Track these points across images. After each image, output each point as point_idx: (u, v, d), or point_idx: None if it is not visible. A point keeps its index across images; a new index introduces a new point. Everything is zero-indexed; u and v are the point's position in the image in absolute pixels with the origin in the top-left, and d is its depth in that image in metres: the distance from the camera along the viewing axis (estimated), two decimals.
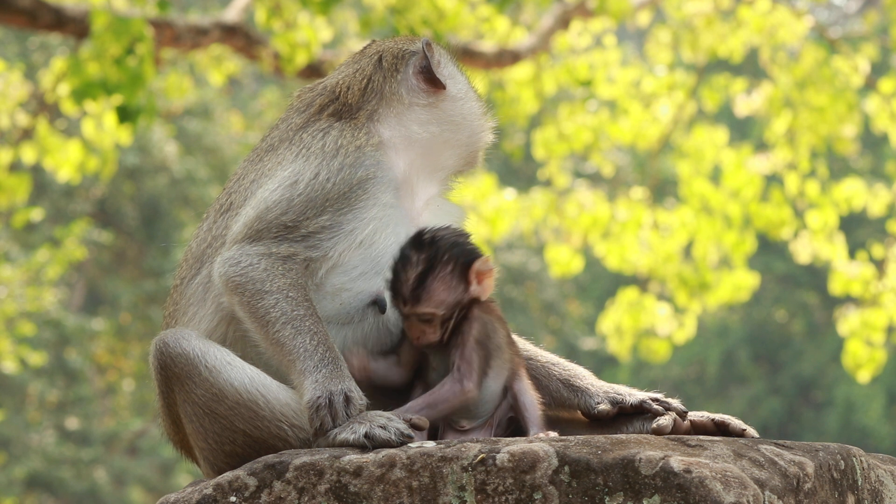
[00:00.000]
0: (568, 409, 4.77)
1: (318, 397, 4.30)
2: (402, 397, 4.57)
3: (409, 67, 4.89)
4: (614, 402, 4.72)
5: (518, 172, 32.39)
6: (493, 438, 4.25)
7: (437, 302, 4.47)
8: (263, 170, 4.75)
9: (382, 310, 4.59)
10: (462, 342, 4.49)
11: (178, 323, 4.74)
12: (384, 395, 4.56)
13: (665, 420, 4.59)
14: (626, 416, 4.72)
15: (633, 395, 4.72)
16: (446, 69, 4.95)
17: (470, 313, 4.52)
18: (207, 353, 4.46)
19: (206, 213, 4.89)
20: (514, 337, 4.75)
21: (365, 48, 5.04)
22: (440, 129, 4.87)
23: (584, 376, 4.80)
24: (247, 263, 4.52)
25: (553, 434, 4.38)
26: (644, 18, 17.32)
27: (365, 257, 4.60)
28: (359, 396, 4.33)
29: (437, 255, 4.50)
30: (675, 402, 4.70)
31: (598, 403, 4.72)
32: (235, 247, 4.57)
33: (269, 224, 4.56)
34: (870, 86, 17.08)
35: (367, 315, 4.59)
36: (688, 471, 3.99)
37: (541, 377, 4.73)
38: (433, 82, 4.87)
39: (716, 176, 17.58)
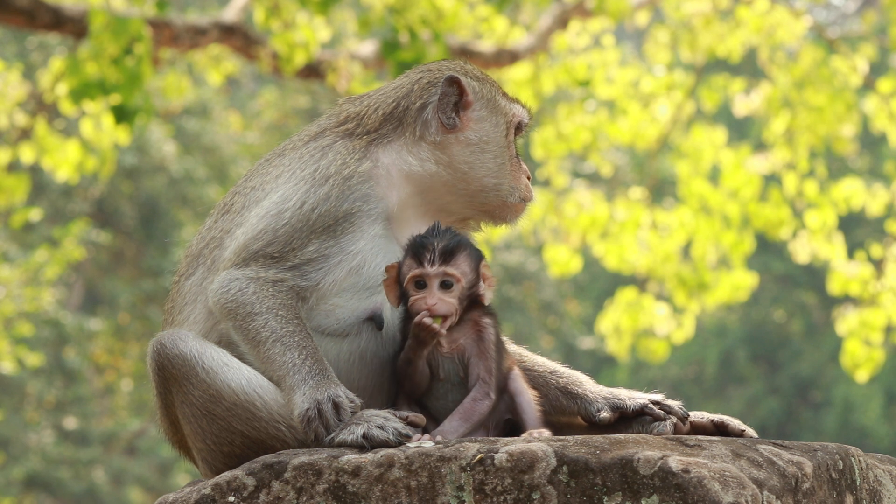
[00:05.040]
0: (568, 416, 4.76)
1: (308, 409, 4.30)
2: (389, 405, 4.57)
3: (433, 98, 4.78)
4: (615, 408, 4.70)
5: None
6: (492, 438, 4.25)
7: (463, 269, 4.49)
8: (265, 179, 4.76)
9: (379, 326, 4.58)
10: (483, 353, 4.50)
11: (175, 321, 4.75)
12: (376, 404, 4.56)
13: (664, 428, 4.59)
14: (625, 418, 4.71)
15: (634, 399, 4.70)
16: (477, 113, 4.81)
17: (481, 322, 4.54)
18: (204, 355, 4.46)
19: (212, 209, 4.90)
20: (510, 344, 4.77)
21: (427, 63, 4.97)
22: (438, 170, 4.75)
23: (582, 382, 4.78)
24: (237, 289, 4.52)
25: (546, 432, 4.38)
26: (642, 18, 17.32)
27: (356, 282, 4.59)
28: (348, 399, 4.32)
29: (460, 237, 4.57)
30: (677, 406, 4.68)
31: (599, 411, 4.70)
32: (225, 273, 4.58)
33: (255, 254, 4.56)
34: (868, 86, 17.08)
35: (364, 330, 4.58)
36: (686, 471, 3.99)
37: (539, 387, 4.70)
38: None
39: (714, 176, 17.58)
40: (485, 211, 4.84)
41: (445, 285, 4.48)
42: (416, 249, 4.50)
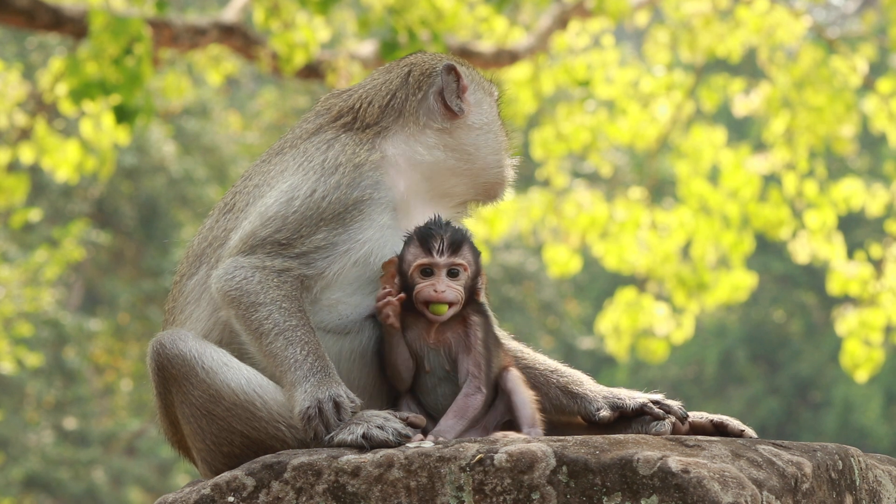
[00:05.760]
0: (568, 416, 4.77)
1: (308, 407, 4.31)
2: (390, 404, 4.57)
3: (433, 88, 4.87)
4: (615, 407, 4.71)
5: (516, 172, 32.33)
6: (491, 438, 4.25)
7: (469, 259, 4.57)
8: (268, 175, 4.77)
9: None
10: (470, 348, 4.52)
11: (176, 320, 4.75)
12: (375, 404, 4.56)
13: (663, 427, 4.60)
14: (625, 418, 4.71)
15: (634, 398, 4.71)
16: (473, 96, 4.91)
17: (469, 318, 4.56)
18: (204, 355, 4.46)
19: (211, 210, 4.90)
20: (512, 341, 4.78)
21: (403, 58, 5.04)
22: (446, 156, 4.84)
23: (583, 382, 4.79)
24: (241, 277, 4.52)
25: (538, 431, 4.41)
26: (642, 18, 17.31)
27: (361, 275, 4.60)
28: (349, 399, 4.33)
29: (463, 228, 4.66)
30: (676, 406, 4.69)
31: (599, 410, 4.71)
32: (230, 260, 4.57)
33: (262, 241, 4.57)
34: (868, 86, 17.07)
35: (365, 327, 4.59)
36: (686, 471, 3.99)
37: (539, 385, 4.72)
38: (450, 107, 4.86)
39: (714, 176, 17.57)
40: (485, 189, 4.95)
41: (452, 273, 4.54)
42: (424, 238, 4.55)
